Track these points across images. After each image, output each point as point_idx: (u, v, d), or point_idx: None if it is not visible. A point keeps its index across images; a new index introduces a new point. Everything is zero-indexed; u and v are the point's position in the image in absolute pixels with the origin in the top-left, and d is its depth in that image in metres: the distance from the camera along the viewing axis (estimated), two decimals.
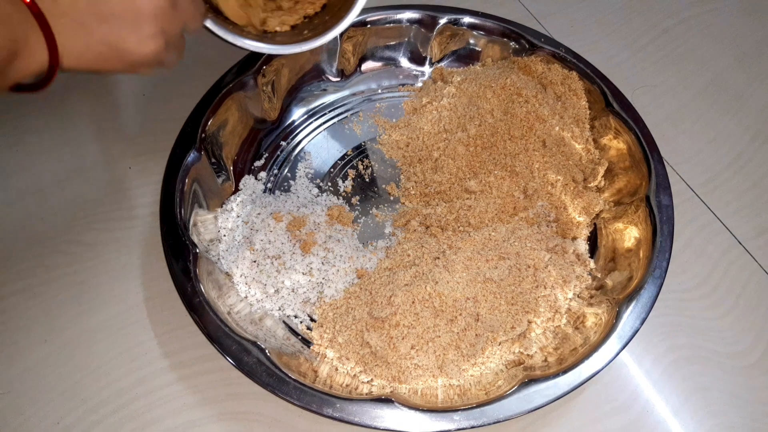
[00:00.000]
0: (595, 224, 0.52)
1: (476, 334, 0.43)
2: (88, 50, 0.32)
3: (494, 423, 0.39)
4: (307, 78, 0.59)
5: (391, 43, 0.61)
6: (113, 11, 0.31)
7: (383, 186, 0.55)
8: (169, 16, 0.34)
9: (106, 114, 0.58)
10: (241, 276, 0.46)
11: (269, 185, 0.54)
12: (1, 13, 0.27)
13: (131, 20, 0.32)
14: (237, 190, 0.52)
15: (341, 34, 0.52)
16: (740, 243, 0.54)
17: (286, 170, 0.55)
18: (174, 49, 0.37)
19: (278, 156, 0.56)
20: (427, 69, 0.62)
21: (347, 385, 0.42)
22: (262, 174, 0.54)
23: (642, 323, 0.43)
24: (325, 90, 0.60)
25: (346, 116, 0.59)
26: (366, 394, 0.41)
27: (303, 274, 0.46)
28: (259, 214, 0.49)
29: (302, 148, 0.57)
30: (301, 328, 0.46)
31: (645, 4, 0.73)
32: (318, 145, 0.57)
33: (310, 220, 0.49)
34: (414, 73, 0.61)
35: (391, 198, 0.54)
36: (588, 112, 0.56)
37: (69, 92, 0.59)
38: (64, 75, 0.33)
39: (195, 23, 0.38)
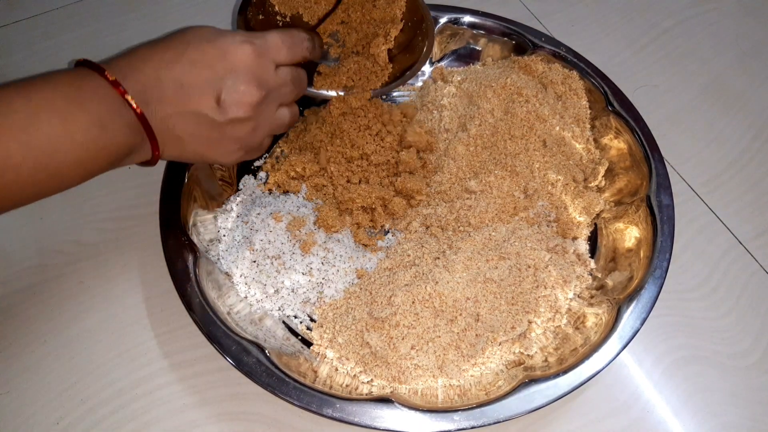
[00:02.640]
0: (595, 224, 0.51)
1: (476, 335, 0.43)
2: (181, 155, 0.42)
3: (494, 423, 0.39)
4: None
5: None
6: (203, 134, 0.40)
7: None
8: (249, 138, 0.42)
9: None
10: (240, 276, 0.46)
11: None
12: (130, 127, 0.37)
13: (215, 141, 0.41)
14: (237, 190, 0.52)
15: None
16: (741, 243, 0.54)
17: None
18: (256, 151, 0.45)
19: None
20: (427, 68, 0.62)
21: (347, 386, 0.42)
22: (262, 174, 0.54)
23: (642, 323, 0.43)
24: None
25: None
26: (366, 394, 0.41)
27: (303, 274, 0.46)
28: (258, 214, 0.49)
29: None
30: (301, 329, 0.46)
31: (646, 3, 0.73)
32: None
33: (310, 220, 0.49)
34: None
35: None
36: (589, 111, 0.56)
37: None
38: None
39: (280, 130, 0.45)
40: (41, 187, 0.35)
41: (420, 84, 0.61)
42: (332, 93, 0.52)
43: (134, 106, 0.36)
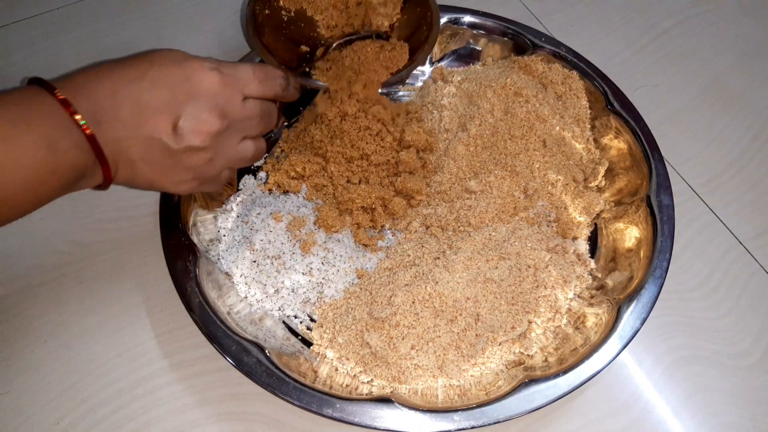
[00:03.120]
0: (595, 224, 0.51)
1: (476, 335, 0.43)
2: (131, 180, 0.39)
3: (494, 423, 0.39)
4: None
5: None
6: (155, 159, 0.38)
7: None
8: (205, 169, 0.40)
9: None
10: (240, 276, 0.46)
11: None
12: (80, 149, 0.35)
13: (168, 168, 0.39)
14: (237, 190, 0.52)
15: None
16: (741, 243, 0.54)
17: None
18: (211, 184, 0.43)
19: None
20: (427, 68, 0.62)
21: (347, 386, 0.42)
22: (262, 174, 0.54)
23: (642, 323, 0.43)
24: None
25: None
26: (366, 394, 0.41)
27: (303, 274, 0.46)
28: (259, 214, 0.49)
29: None
30: (301, 329, 0.46)
31: (646, 3, 0.73)
32: None
33: (310, 220, 0.49)
34: (414, 72, 0.61)
35: None
36: (589, 111, 0.56)
37: None
38: None
39: (242, 163, 0.43)
40: None
41: (420, 84, 0.61)
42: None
43: (83, 126, 0.34)
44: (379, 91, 0.52)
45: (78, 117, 0.34)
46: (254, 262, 0.46)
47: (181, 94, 0.37)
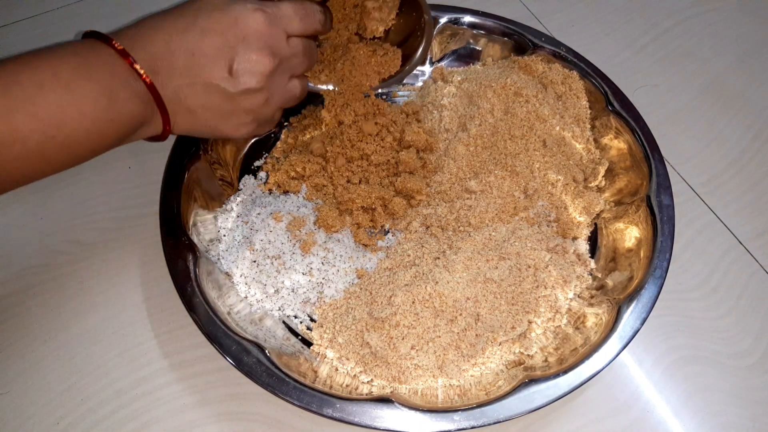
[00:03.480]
0: (595, 224, 0.51)
1: (476, 335, 0.43)
2: (192, 128, 0.41)
3: (494, 423, 0.39)
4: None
5: None
6: (215, 104, 0.39)
7: None
8: (261, 109, 0.42)
9: None
10: (240, 276, 0.46)
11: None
12: (140, 98, 0.36)
13: (228, 112, 0.40)
14: (237, 190, 0.52)
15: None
16: (741, 243, 0.54)
17: None
18: (267, 124, 0.45)
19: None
20: (427, 68, 0.62)
21: (347, 386, 0.42)
22: (262, 174, 0.54)
23: (642, 323, 0.43)
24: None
25: None
26: (366, 394, 0.41)
27: (303, 274, 0.46)
28: (259, 214, 0.49)
29: None
30: (301, 329, 0.46)
31: (646, 3, 0.73)
32: None
33: (310, 220, 0.49)
34: (414, 72, 0.61)
35: None
36: (589, 111, 0.56)
37: None
38: None
39: (291, 103, 0.45)
40: (50, 160, 0.34)
41: (420, 84, 0.61)
42: (329, 87, 0.51)
43: (143, 75, 0.35)
44: (378, 91, 0.52)
45: (137, 66, 0.35)
46: (254, 262, 0.46)
47: (231, 38, 0.37)
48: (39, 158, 0.34)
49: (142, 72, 0.35)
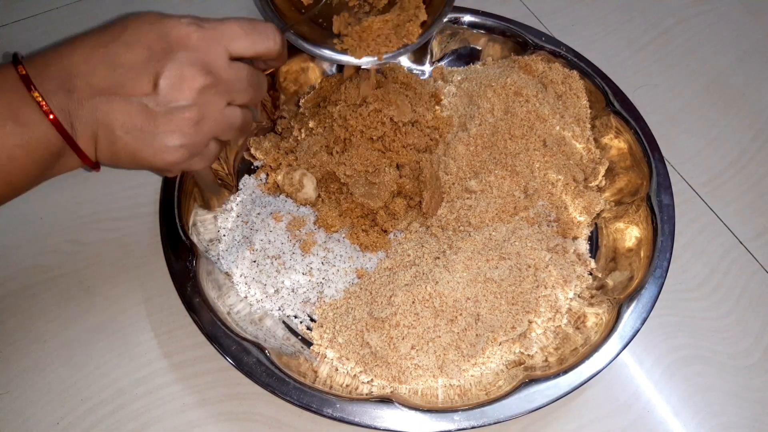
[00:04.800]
0: (596, 224, 0.51)
1: (477, 334, 0.43)
2: (113, 155, 0.36)
3: (494, 423, 0.39)
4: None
5: None
6: (135, 125, 0.34)
7: None
8: (191, 132, 0.36)
9: None
10: (240, 276, 0.46)
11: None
12: (38, 135, 0.32)
13: (150, 134, 0.35)
14: (237, 190, 0.52)
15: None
16: (741, 243, 0.54)
17: None
18: (199, 158, 0.39)
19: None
20: (427, 68, 0.62)
21: (347, 386, 0.42)
22: (262, 174, 0.54)
23: (643, 323, 0.43)
24: None
25: None
26: (366, 394, 0.41)
27: (303, 274, 0.46)
28: (259, 214, 0.49)
29: None
30: (301, 328, 0.46)
31: (646, 2, 0.73)
32: None
33: (310, 220, 0.49)
34: (414, 72, 0.61)
35: None
36: (589, 111, 0.55)
37: None
38: None
39: (229, 133, 0.39)
40: None
41: None
42: (359, 61, 0.45)
43: (41, 103, 0.31)
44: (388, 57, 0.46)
45: (36, 94, 0.32)
46: (254, 262, 0.46)
47: (159, 51, 0.34)
48: None
49: (40, 101, 0.32)
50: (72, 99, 0.33)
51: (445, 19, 0.46)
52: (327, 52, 0.44)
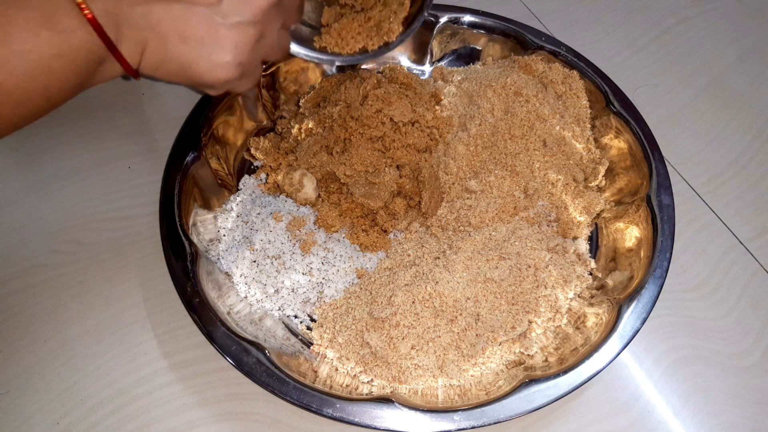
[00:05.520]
0: (596, 224, 0.51)
1: (477, 334, 0.43)
2: (161, 64, 0.33)
3: (495, 423, 0.39)
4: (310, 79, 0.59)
5: None
6: (195, 34, 0.32)
7: None
8: (250, 50, 0.34)
9: (105, 114, 0.58)
10: (240, 276, 0.46)
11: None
12: (77, 42, 0.29)
13: (210, 46, 0.33)
14: (237, 190, 0.52)
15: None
16: (741, 243, 0.54)
17: None
18: (247, 78, 0.37)
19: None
20: (427, 68, 0.62)
21: (347, 386, 0.42)
22: (263, 174, 0.54)
23: (643, 323, 0.43)
24: None
25: None
26: (366, 394, 0.41)
27: (303, 274, 0.46)
28: (259, 214, 0.49)
29: None
30: (301, 328, 0.46)
31: (646, 2, 0.73)
32: None
33: (310, 220, 0.49)
34: (414, 72, 0.61)
35: None
36: (589, 111, 0.56)
37: None
38: None
39: (277, 55, 0.38)
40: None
41: None
42: (336, 58, 0.46)
43: (81, 4, 0.29)
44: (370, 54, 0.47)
45: None
46: (254, 262, 0.46)
47: None
48: None
49: (80, 2, 0.29)
50: (121, 2, 0.30)
51: (426, 13, 0.46)
52: (303, 51, 0.44)
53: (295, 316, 0.46)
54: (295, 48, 0.44)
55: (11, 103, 0.28)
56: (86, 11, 0.29)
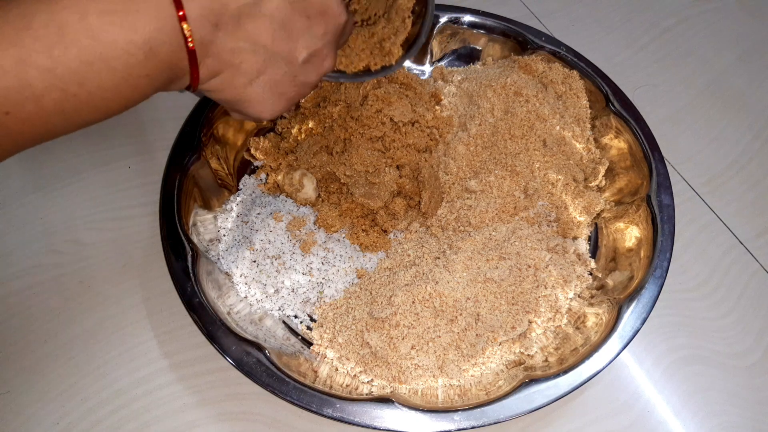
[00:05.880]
0: (596, 224, 0.51)
1: (477, 334, 0.43)
2: (221, 93, 0.34)
3: (495, 423, 0.39)
4: None
5: None
6: (266, 81, 0.34)
7: None
8: (304, 94, 0.37)
9: None
10: (240, 276, 0.46)
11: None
12: (185, 51, 0.30)
13: (276, 96, 0.35)
14: (237, 190, 0.52)
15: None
16: (741, 243, 0.54)
17: None
18: (293, 100, 0.38)
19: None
20: (427, 68, 0.62)
21: (347, 386, 0.42)
22: (263, 174, 0.54)
23: (643, 323, 0.43)
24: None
25: None
26: (366, 394, 0.41)
27: (303, 274, 0.46)
28: (258, 214, 0.49)
29: None
30: (301, 328, 0.46)
31: (646, 2, 0.73)
32: None
33: (310, 220, 0.49)
34: (414, 72, 0.61)
35: None
36: (589, 111, 0.55)
37: None
38: None
39: (315, 77, 0.38)
40: (71, 119, 0.29)
41: None
42: (340, 77, 0.46)
43: (189, 38, 0.29)
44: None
45: (186, 27, 0.29)
46: (254, 262, 0.46)
47: (316, 18, 0.33)
48: (58, 117, 0.28)
49: (188, 35, 0.29)
50: (216, 35, 0.30)
51: (424, 38, 0.47)
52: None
53: (295, 316, 0.46)
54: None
55: (88, 110, 0.29)
56: (190, 41, 0.30)
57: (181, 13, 0.28)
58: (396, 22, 0.46)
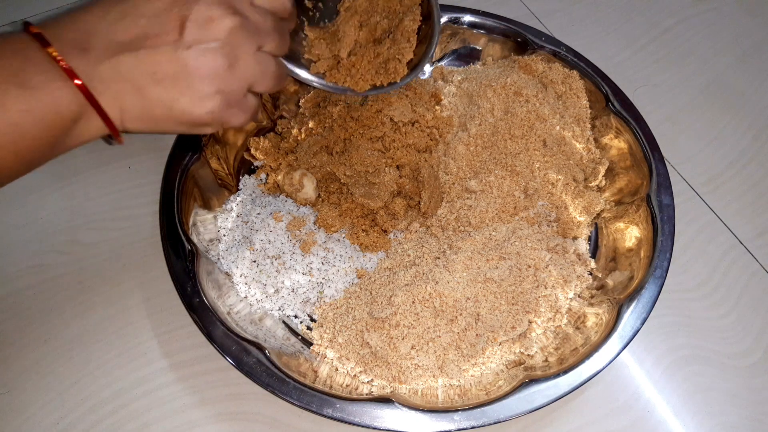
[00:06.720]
0: (596, 224, 0.51)
1: (477, 334, 0.43)
2: (144, 112, 0.32)
3: (495, 423, 0.39)
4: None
5: None
6: (166, 73, 0.32)
7: None
8: (225, 76, 0.34)
9: None
10: (240, 276, 0.46)
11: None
12: (65, 84, 0.29)
13: (183, 80, 0.32)
14: (237, 190, 0.52)
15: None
16: (741, 243, 0.54)
17: None
18: (238, 109, 0.36)
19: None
20: (427, 68, 0.61)
21: (347, 386, 0.42)
22: (263, 174, 0.54)
23: (643, 323, 0.43)
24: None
25: None
26: (366, 394, 0.41)
27: (303, 274, 0.46)
28: (259, 214, 0.49)
29: None
30: (301, 328, 0.46)
31: (646, 2, 0.73)
32: None
33: (310, 220, 0.49)
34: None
35: None
36: (589, 111, 0.55)
37: None
38: None
39: (265, 83, 0.36)
40: None
41: None
42: (346, 91, 0.47)
43: (58, 58, 0.29)
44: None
45: (51, 49, 0.29)
46: (254, 262, 0.46)
47: None
48: None
49: (54, 53, 0.29)
50: (89, 59, 0.30)
51: (430, 58, 0.47)
52: (317, 81, 0.45)
53: (295, 316, 0.46)
54: (306, 76, 0.44)
55: None
56: (62, 63, 0.29)
57: (41, 43, 0.29)
58: (401, 42, 0.46)
